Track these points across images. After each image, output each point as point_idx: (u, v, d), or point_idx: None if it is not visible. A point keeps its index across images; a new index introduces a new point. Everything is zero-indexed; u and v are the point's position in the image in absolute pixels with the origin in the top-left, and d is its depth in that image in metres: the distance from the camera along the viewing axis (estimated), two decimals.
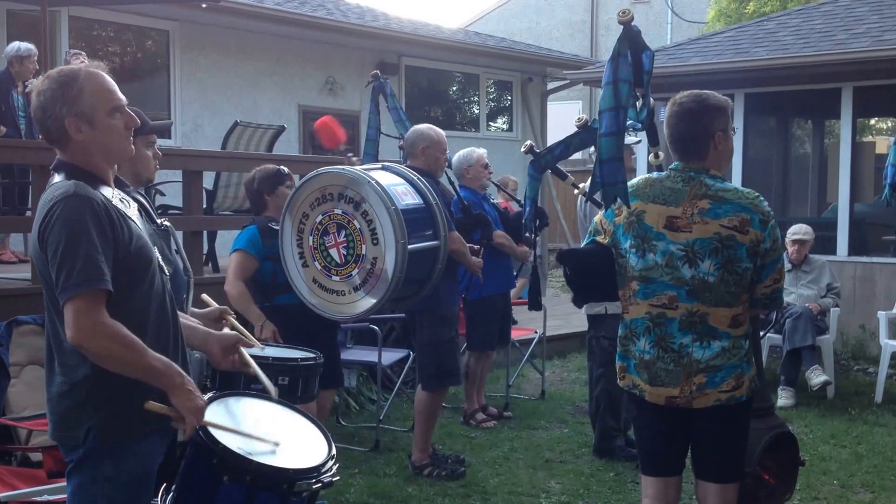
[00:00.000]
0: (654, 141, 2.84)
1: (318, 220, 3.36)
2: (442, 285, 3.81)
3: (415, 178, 3.55)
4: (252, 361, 2.24)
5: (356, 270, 3.32)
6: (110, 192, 1.94)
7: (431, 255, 3.47)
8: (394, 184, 3.42)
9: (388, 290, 3.27)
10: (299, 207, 3.40)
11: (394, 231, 3.24)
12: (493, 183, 5.13)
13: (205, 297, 2.55)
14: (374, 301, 3.31)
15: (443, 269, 3.54)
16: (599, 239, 2.56)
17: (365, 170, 3.45)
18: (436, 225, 3.49)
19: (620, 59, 2.54)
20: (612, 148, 2.52)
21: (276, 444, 2.10)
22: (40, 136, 2.06)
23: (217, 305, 2.48)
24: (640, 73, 2.66)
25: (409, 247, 3.27)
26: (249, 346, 2.29)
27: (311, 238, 3.38)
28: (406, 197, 3.42)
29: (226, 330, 2.31)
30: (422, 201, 3.49)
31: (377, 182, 3.29)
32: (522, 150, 3.61)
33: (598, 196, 3.92)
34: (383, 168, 3.60)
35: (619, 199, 2.48)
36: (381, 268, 3.28)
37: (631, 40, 2.58)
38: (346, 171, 3.39)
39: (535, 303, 4.58)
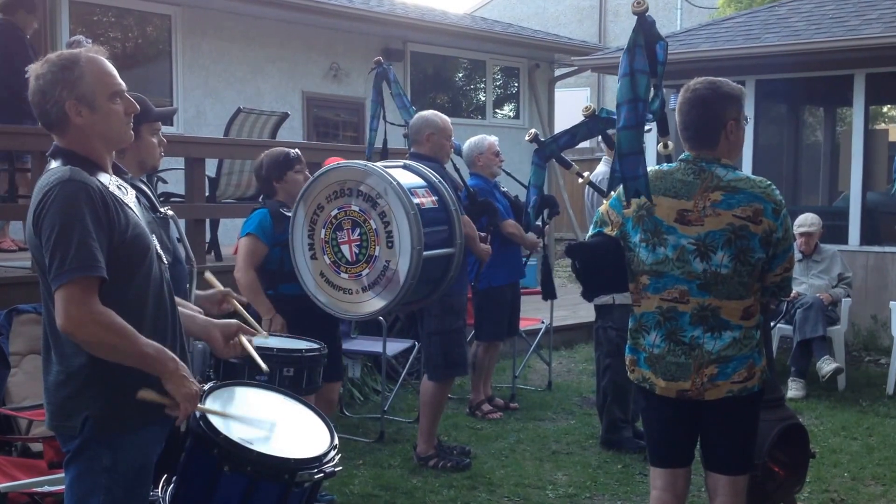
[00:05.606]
0: (663, 131, 2.83)
1: (333, 213, 3.29)
2: None
3: (436, 180, 3.46)
4: (252, 350, 2.19)
5: (367, 270, 3.25)
6: (107, 179, 1.91)
7: (445, 261, 3.40)
8: (414, 185, 3.34)
9: (398, 294, 3.20)
10: (315, 198, 3.33)
11: (411, 236, 3.16)
12: (505, 171, 5.07)
13: (208, 275, 2.50)
14: (384, 304, 3.25)
15: (455, 277, 3.46)
16: (607, 230, 2.52)
17: (386, 167, 3.37)
18: (453, 231, 3.40)
19: (637, 49, 2.48)
20: (632, 141, 2.46)
21: (273, 424, 2.06)
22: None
23: (221, 287, 2.44)
24: (654, 63, 2.63)
25: (425, 254, 3.19)
26: (251, 333, 2.25)
27: (323, 231, 3.31)
28: (425, 201, 3.33)
29: (229, 319, 2.27)
30: (441, 206, 3.39)
31: (398, 183, 3.21)
32: (527, 138, 3.55)
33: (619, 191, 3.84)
34: (405, 167, 3.51)
35: (641, 194, 2.42)
36: (394, 271, 3.21)
37: (645, 31, 2.52)
38: (368, 167, 3.31)
39: (548, 291, 4.53)
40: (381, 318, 4.57)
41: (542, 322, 5.89)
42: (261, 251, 3.53)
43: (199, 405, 1.93)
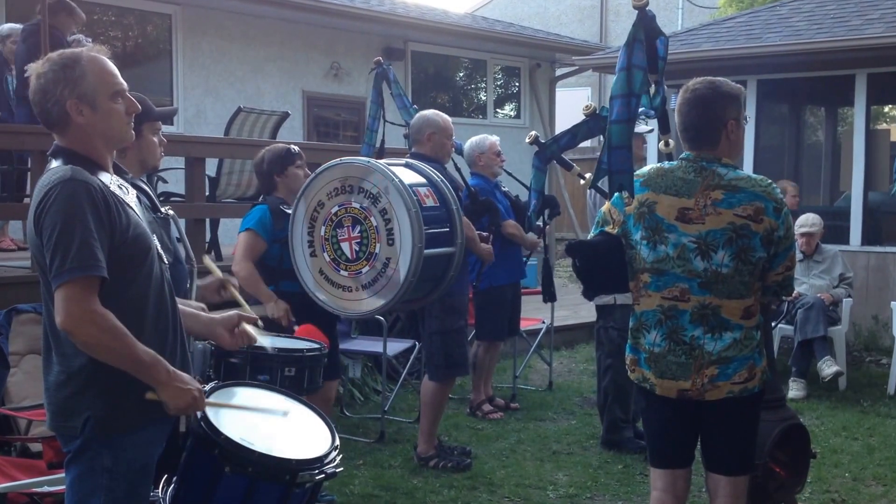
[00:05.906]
0: (665, 129, 2.82)
1: (334, 211, 3.28)
2: None
3: (438, 179, 3.45)
4: (254, 333, 2.21)
5: (366, 268, 3.24)
6: (108, 178, 1.91)
7: (445, 260, 3.39)
8: (416, 184, 3.34)
9: (398, 293, 3.19)
10: (315, 195, 3.31)
11: (412, 234, 3.15)
12: (506, 171, 5.07)
13: (207, 261, 2.50)
14: (384, 302, 3.24)
15: (456, 276, 3.45)
16: (608, 229, 2.52)
17: (389, 164, 3.36)
18: (454, 230, 3.39)
19: (636, 44, 2.47)
20: (622, 135, 2.45)
21: (286, 413, 2.07)
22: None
23: (219, 273, 2.43)
24: (655, 59, 2.62)
25: (425, 252, 3.18)
26: (252, 321, 2.25)
27: (323, 228, 3.30)
28: (427, 199, 3.32)
29: (228, 311, 2.27)
30: (442, 205, 3.38)
31: (400, 180, 3.20)
32: (527, 140, 3.54)
33: (603, 184, 3.87)
34: (406, 165, 3.50)
35: (624, 189, 2.42)
36: (394, 269, 3.20)
37: (646, 26, 2.51)
38: (371, 163, 3.30)
39: (549, 294, 4.52)
40: (381, 317, 4.57)
41: (543, 322, 5.88)
42: (259, 247, 3.52)
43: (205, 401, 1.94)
